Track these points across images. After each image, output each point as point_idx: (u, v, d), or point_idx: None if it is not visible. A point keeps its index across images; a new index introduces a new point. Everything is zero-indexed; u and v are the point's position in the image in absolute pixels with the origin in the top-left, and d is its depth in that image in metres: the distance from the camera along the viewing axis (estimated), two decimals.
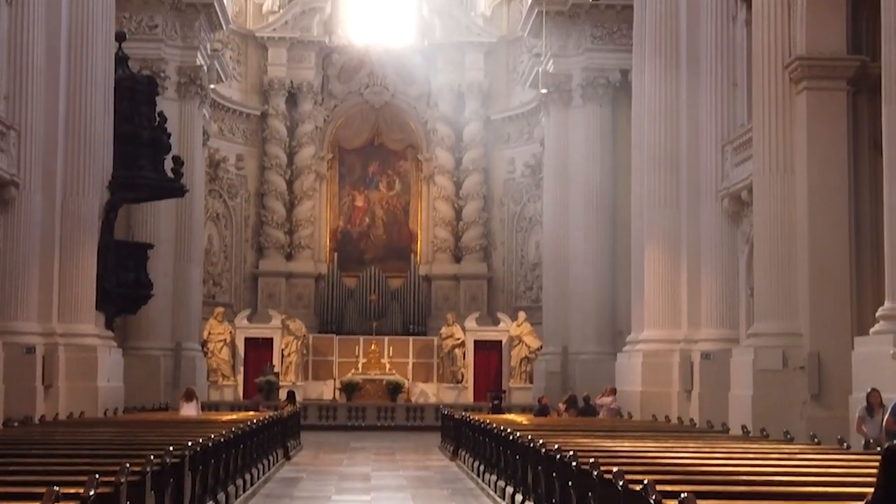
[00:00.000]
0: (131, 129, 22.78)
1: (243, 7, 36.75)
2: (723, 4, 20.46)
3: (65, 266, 20.43)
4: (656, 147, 22.15)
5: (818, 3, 16.65)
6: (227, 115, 34.94)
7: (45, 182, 20.13)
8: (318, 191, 36.62)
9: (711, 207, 20.61)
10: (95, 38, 21.04)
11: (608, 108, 29.63)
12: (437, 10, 36.83)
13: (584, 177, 29.65)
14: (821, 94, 16.70)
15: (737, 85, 20.15)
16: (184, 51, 29.10)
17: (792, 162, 16.95)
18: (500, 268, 36.45)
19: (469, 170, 36.36)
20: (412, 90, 36.94)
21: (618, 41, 29.17)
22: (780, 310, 16.81)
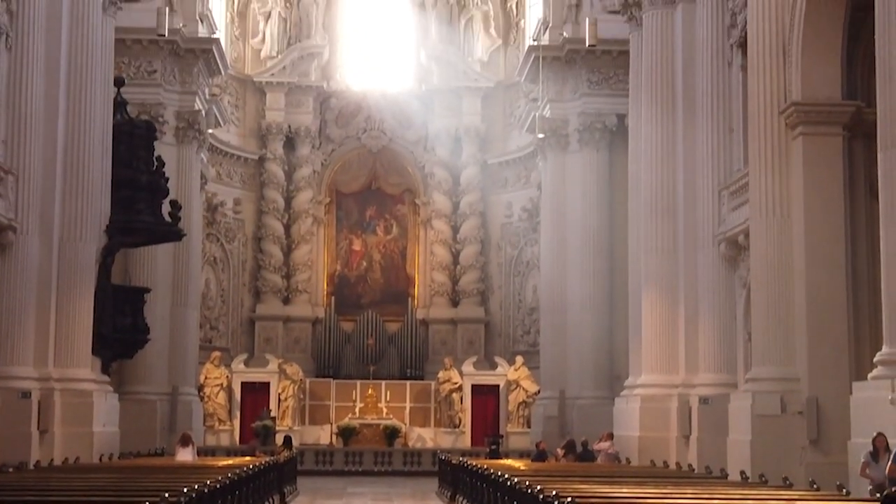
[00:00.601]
0: (129, 174, 22.84)
1: (242, 52, 36.96)
2: (718, 50, 20.59)
3: (61, 311, 20.40)
4: (653, 192, 22.20)
5: (813, 50, 16.76)
6: (224, 159, 35.02)
7: (42, 226, 20.13)
8: (316, 235, 36.64)
9: (708, 252, 20.63)
10: (94, 83, 21.14)
11: (605, 153, 29.72)
12: (434, 56, 37.03)
13: (582, 221, 29.68)
14: (816, 139, 16.78)
15: (733, 130, 20.24)
16: (182, 96, 29.24)
17: (788, 207, 16.99)
18: (498, 312, 36.40)
19: (466, 214, 36.42)
20: (410, 135, 37.07)
21: (614, 86, 29.29)
22: (778, 355, 16.79)
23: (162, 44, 28.17)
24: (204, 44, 29.55)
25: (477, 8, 36.96)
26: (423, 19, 37.47)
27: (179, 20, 28.78)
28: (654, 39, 22.18)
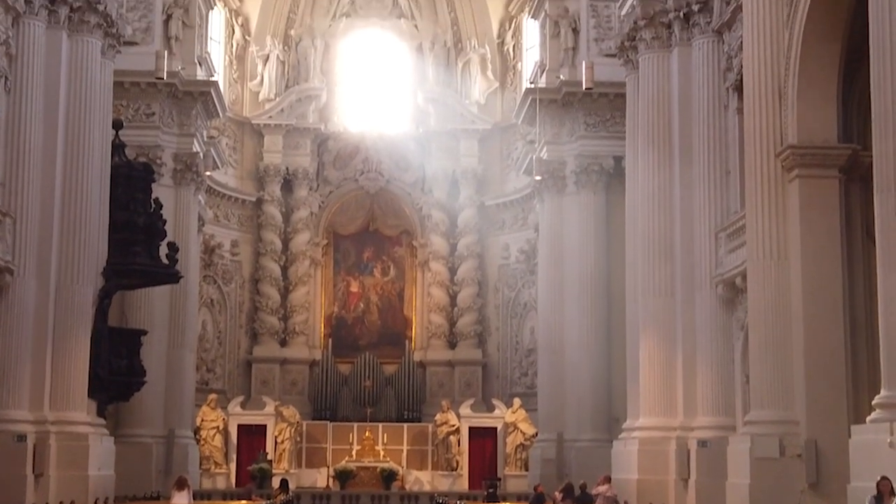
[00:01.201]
0: (127, 216, 22.85)
1: (240, 95, 37.10)
2: (715, 93, 20.69)
3: (58, 353, 20.35)
4: (650, 234, 22.21)
5: (809, 93, 16.84)
6: (222, 201, 35.06)
7: (39, 269, 20.13)
8: (313, 277, 36.61)
9: (706, 294, 20.62)
10: (93, 125, 21.22)
11: (602, 195, 29.76)
12: (431, 99, 37.19)
13: (579, 263, 29.66)
14: (813, 181, 16.82)
15: (729, 172, 20.30)
16: (180, 138, 29.30)
17: (786, 249, 17.00)
18: (495, 354, 36.33)
19: (464, 255, 36.43)
20: (407, 176, 37.15)
21: (611, 129, 29.38)
22: (777, 397, 16.73)
23: (160, 86, 28.27)
24: (202, 86, 29.67)
25: (474, 51, 37.17)
26: (421, 62, 37.67)
27: (178, 63, 28.91)
28: (651, 82, 22.28)
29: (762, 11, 17.52)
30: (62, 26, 20.84)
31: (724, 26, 20.35)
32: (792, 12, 17.04)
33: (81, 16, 21.15)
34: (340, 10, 38.00)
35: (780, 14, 17.36)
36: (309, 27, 37.50)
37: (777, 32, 17.36)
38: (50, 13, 20.56)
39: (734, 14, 19.57)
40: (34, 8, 20.12)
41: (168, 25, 29.20)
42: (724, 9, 20.24)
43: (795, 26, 16.93)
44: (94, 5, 21.21)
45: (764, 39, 17.46)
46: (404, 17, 38.05)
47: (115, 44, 22.63)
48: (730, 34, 20.16)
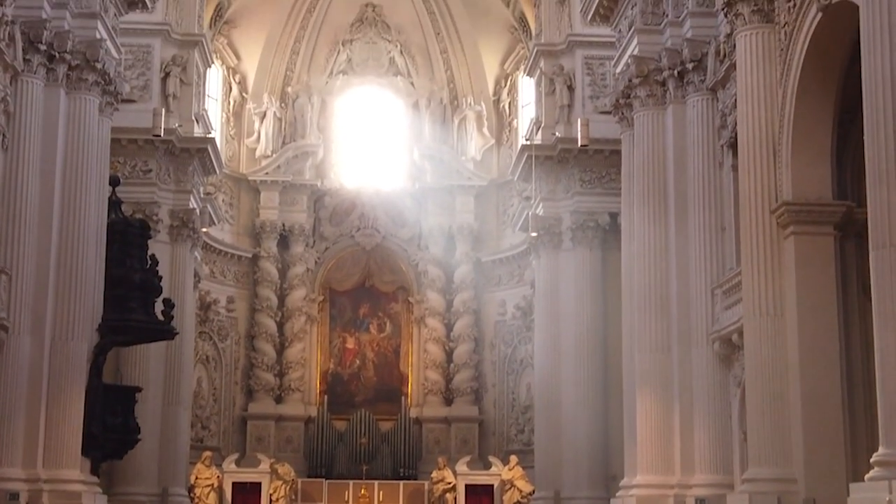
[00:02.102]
0: (122, 272, 22.83)
1: (237, 151, 37.26)
2: (709, 150, 20.78)
3: (51, 411, 20.23)
4: (646, 290, 22.18)
5: (803, 150, 16.93)
6: (218, 257, 35.08)
7: (34, 325, 20.08)
8: (309, 333, 36.55)
9: (702, 351, 20.56)
10: (89, 183, 21.26)
11: (598, 251, 29.80)
12: (427, 155, 37.38)
13: (575, 319, 29.63)
14: (808, 238, 16.85)
15: (725, 229, 20.33)
16: (177, 194, 29.37)
17: (782, 305, 16.99)
18: (492, 410, 36.19)
19: (460, 312, 36.41)
20: (403, 232, 37.23)
21: (606, 185, 29.50)
22: (774, 455, 16.64)
23: (158, 143, 28.40)
24: (199, 143, 29.79)
25: (470, 108, 37.42)
26: (417, 119, 37.90)
27: (175, 120, 29.06)
28: (646, 139, 22.38)
29: (755, 70, 17.67)
30: (60, 84, 20.94)
31: (717, 84, 20.49)
32: (785, 71, 17.19)
33: (80, 74, 21.26)
34: (337, 67, 38.29)
35: (774, 72, 17.51)
36: (306, 84, 37.76)
37: (770, 90, 17.49)
38: (48, 71, 20.68)
39: (728, 72, 19.72)
40: (33, 66, 20.24)
41: (166, 83, 29.41)
42: (717, 67, 20.40)
43: (789, 84, 17.06)
44: (93, 63, 21.34)
45: (757, 97, 17.59)
46: (401, 74, 38.33)
47: (112, 101, 22.73)
48: (724, 92, 20.30)
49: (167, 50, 29.45)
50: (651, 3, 22.34)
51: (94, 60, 21.34)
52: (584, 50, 30.12)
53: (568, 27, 30.44)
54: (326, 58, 38.28)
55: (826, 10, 15.91)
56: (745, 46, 17.92)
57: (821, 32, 16.33)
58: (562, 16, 30.63)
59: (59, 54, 20.71)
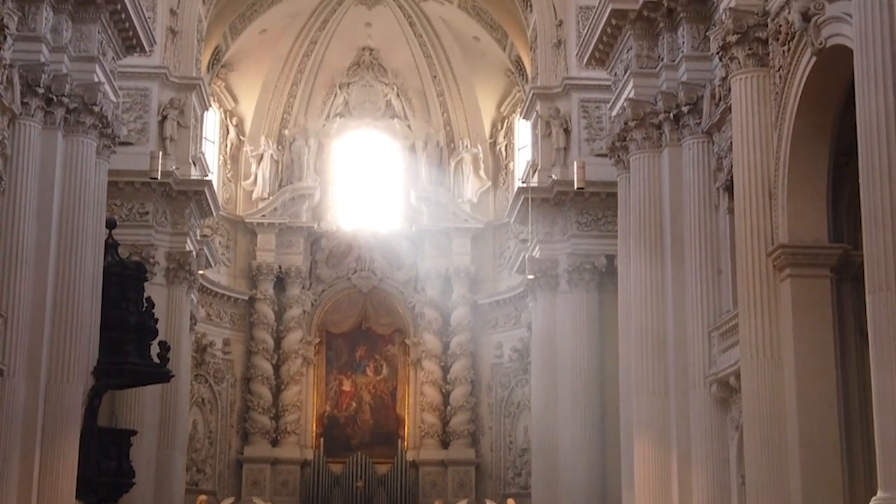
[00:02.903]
0: (118, 315, 22.79)
1: (234, 194, 37.35)
2: (705, 193, 20.81)
3: (46, 454, 20.10)
4: (643, 333, 22.14)
5: (798, 193, 16.97)
6: (214, 299, 35.04)
7: (29, 369, 19.99)
8: (305, 375, 36.46)
9: (700, 393, 20.49)
10: (86, 225, 21.26)
11: (594, 294, 29.77)
12: (424, 198, 37.48)
13: (572, 362, 29.56)
14: (804, 281, 16.84)
15: (721, 272, 20.32)
16: (173, 237, 29.37)
17: (779, 348, 16.96)
18: (488, 454, 36.04)
19: (456, 354, 36.35)
20: (400, 275, 37.25)
21: (602, 227, 29.53)
22: (773, 499, 16.54)
23: (155, 186, 28.43)
24: (196, 186, 29.84)
25: (466, 151, 37.56)
26: (414, 162, 38.04)
27: (173, 163, 29.11)
28: (642, 182, 22.42)
29: (751, 113, 17.74)
30: (58, 127, 20.99)
31: (713, 127, 20.57)
32: (780, 114, 17.26)
33: (77, 117, 21.33)
34: (334, 110, 38.48)
35: (769, 115, 17.58)
36: (303, 127, 37.94)
37: (766, 133, 17.56)
38: (46, 114, 20.73)
39: (723, 115, 19.80)
40: (31, 109, 20.30)
41: (163, 126, 29.49)
42: (713, 110, 20.48)
43: (784, 128, 17.13)
44: (90, 107, 21.40)
45: (753, 140, 17.65)
46: (397, 117, 38.51)
47: (110, 144, 22.80)
48: (719, 135, 20.37)
49: (165, 93, 29.56)
50: (646, 46, 22.45)
51: (92, 104, 21.41)
52: (580, 93, 30.26)
53: (564, 70, 30.59)
54: (323, 101, 38.48)
55: (820, 53, 16.01)
56: (741, 90, 18.01)
57: (815, 76, 16.42)
58: (558, 59, 30.80)
59: (57, 97, 20.78)
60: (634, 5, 21.99)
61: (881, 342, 13.06)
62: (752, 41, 17.83)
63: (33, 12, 20.43)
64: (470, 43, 36.91)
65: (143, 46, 23.77)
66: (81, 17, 21.53)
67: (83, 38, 21.64)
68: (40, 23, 20.51)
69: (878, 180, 13.23)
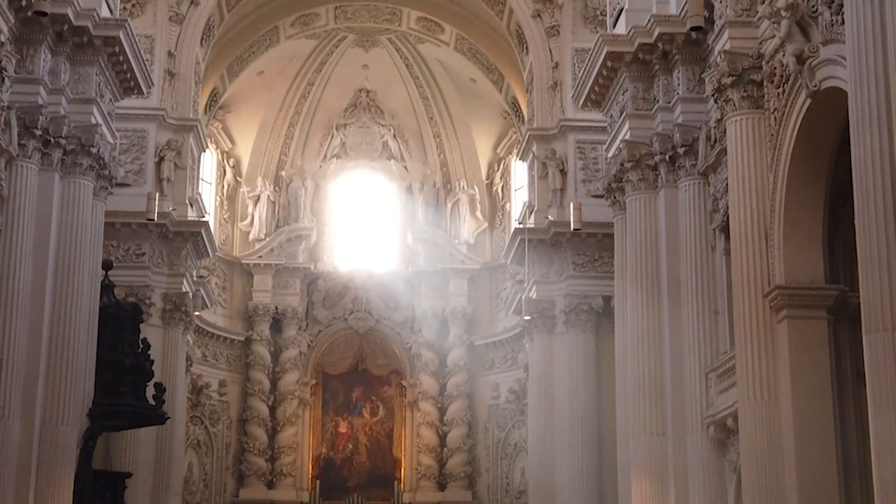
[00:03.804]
0: (114, 356, 22.76)
1: (230, 235, 37.37)
2: (701, 234, 20.84)
3: (40, 497, 19.96)
4: (640, 374, 22.09)
5: (794, 234, 17.00)
6: (210, 340, 34.96)
7: (24, 410, 19.90)
8: (301, 417, 36.33)
9: (697, 435, 20.42)
10: (82, 267, 21.24)
11: (591, 335, 29.71)
12: (420, 238, 37.51)
13: (569, 403, 29.46)
14: (801, 322, 16.83)
15: (718, 313, 20.31)
16: (170, 278, 29.32)
17: (776, 390, 16.92)
18: (486, 495, 35.85)
19: (453, 395, 36.24)
20: (396, 316, 37.22)
21: (599, 268, 29.51)
22: None
23: (151, 227, 28.40)
24: (193, 227, 29.83)
25: (463, 192, 37.65)
26: (410, 203, 38.12)
27: (169, 204, 29.13)
28: (638, 223, 22.46)
29: (746, 155, 17.81)
30: (55, 168, 21.03)
31: (709, 169, 20.63)
32: (776, 155, 17.32)
33: (74, 158, 21.37)
34: (331, 151, 38.61)
35: (764, 157, 17.65)
36: (300, 168, 38.05)
37: (761, 175, 17.62)
38: (43, 155, 20.77)
39: (719, 157, 19.86)
40: (28, 151, 20.34)
41: (160, 167, 29.51)
42: (708, 152, 20.55)
43: (779, 169, 17.18)
44: (88, 148, 21.45)
45: (748, 182, 17.71)
46: (394, 158, 38.64)
47: (107, 185, 22.83)
48: (715, 176, 20.43)
49: (162, 134, 29.62)
50: (642, 88, 22.56)
51: (90, 145, 21.46)
52: (576, 134, 30.36)
53: (560, 112, 30.71)
54: (320, 142, 38.62)
55: (815, 95, 16.10)
56: (736, 132, 18.09)
57: (810, 118, 16.50)
58: (554, 101, 30.93)
59: (55, 139, 20.83)
60: (630, 48, 22.11)
61: (879, 384, 13.04)
62: (746, 83, 17.93)
63: (31, 54, 20.53)
64: (466, 84, 37.10)
65: (140, 88, 23.87)
66: (79, 59, 21.63)
67: (81, 80, 21.74)
68: (38, 65, 20.60)
69: (873, 222, 13.26)
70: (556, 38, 30.79)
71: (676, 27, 21.09)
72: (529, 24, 30.97)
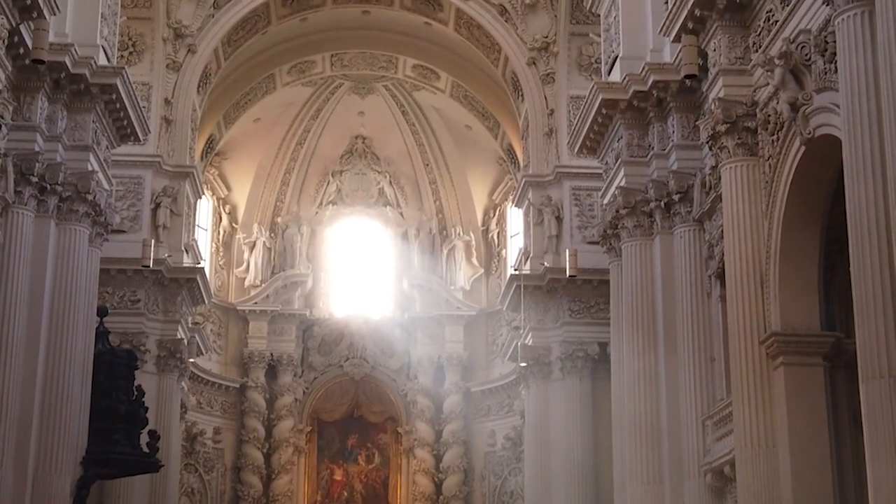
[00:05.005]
0: (108, 403, 22.62)
1: (226, 281, 37.33)
2: (697, 281, 20.85)
3: None
4: (637, 421, 22.00)
5: (790, 281, 17.01)
6: (205, 387, 34.81)
7: (17, 458, 19.77)
8: (296, 464, 36.12)
9: (694, 482, 20.31)
10: (77, 314, 21.20)
11: (587, 381, 29.61)
12: (416, 285, 37.49)
13: (566, 450, 29.29)
14: (798, 369, 16.80)
15: (714, 359, 20.28)
16: (165, 325, 29.22)
17: (773, 437, 16.85)
18: None
19: (449, 442, 36.06)
20: (392, 362, 37.13)
21: (595, 315, 29.46)
22: None
23: (147, 274, 28.36)
24: (188, 273, 29.79)
25: (459, 238, 37.69)
26: (406, 249, 38.14)
27: (165, 250, 29.10)
28: (634, 270, 22.47)
29: (741, 202, 17.85)
30: (51, 215, 21.04)
31: (704, 215, 20.68)
32: (771, 202, 17.37)
33: (70, 205, 21.38)
34: (327, 198, 38.69)
35: (759, 204, 17.69)
36: (296, 215, 38.10)
37: (756, 222, 17.65)
38: (39, 203, 20.78)
39: (714, 204, 19.91)
40: (24, 198, 20.35)
41: (156, 214, 29.51)
42: (703, 199, 20.61)
43: (774, 216, 17.22)
44: (84, 195, 21.47)
45: (744, 229, 17.74)
46: (390, 205, 38.72)
47: (102, 232, 22.82)
48: (710, 223, 20.47)
49: (158, 181, 29.65)
50: (637, 135, 22.67)
51: (86, 192, 21.48)
52: (572, 181, 30.42)
53: (555, 159, 30.81)
54: (316, 188, 38.70)
55: (809, 143, 16.17)
56: (731, 179, 18.14)
57: (805, 165, 16.57)
58: (549, 147, 31.03)
59: (51, 186, 20.85)
60: (624, 95, 22.23)
61: (876, 431, 13.02)
62: (741, 130, 18.01)
63: (29, 102, 20.59)
64: (462, 131, 37.25)
65: (137, 135, 23.93)
66: (76, 106, 21.70)
67: (78, 127, 21.80)
68: (35, 112, 20.67)
69: (869, 269, 13.29)
70: (551, 85, 30.96)
71: (671, 75, 21.22)
72: (525, 72, 31.15)
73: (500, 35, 31.07)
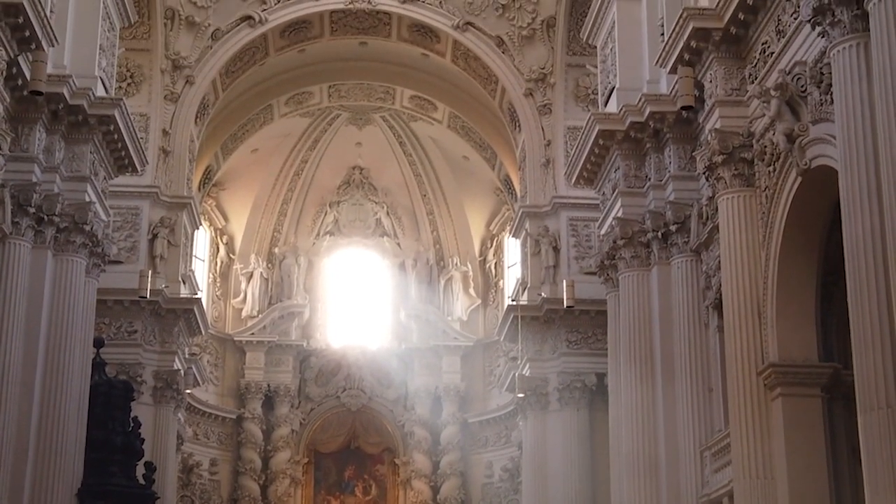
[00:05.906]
0: (104, 435, 22.54)
1: (223, 312, 37.28)
2: (694, 311, 20.83)
3: None
4: (634, 452, 21.93)
5: (787, 312, 17.01)
6: (202, 418, 34.70)
7: (13, 489, 19.67)
8: (293, 496, 35.95)
9: None
10: (73, 345, 21.16)
11: (585, 412, 29.52)
12: (413, 315, 37.45)
13: (563, 481, 29.18)
14: (796, 400, 16.77)
15: (712, 390, 20.23)
16: (161, 356, 29.13)
17: (771, 468, 16.81)
18: None
19: (447, 474, 35.92)
20: (389, 393, 37.04)
21: (593, 345, 29.41)
22: None
23: (143, 304, 28.32)
24: (185, 304, 29.73)
25: (456, 269, 37.68)
26: (403, 280, 38.13)
27: (162, 281, 29.05)
28: (631, 300, 22.46)
29: (738, 232, 17.88)
30: (48, 246, 21.04)
31: (701, 246, 20.69)
32: (767, 233, 17.39)
33: (67, 236, 21.39)
34: (324, 228, 38.71)
35: (756, 235, 17.72)
36: (293, 245, 38.10)
37: (753, 252, 17.67)
38: (36, 233, 20.79)
39: (711, 234, 19.94)
40: (21, 229, 20.35)
41: (153, 244, 29.49)
42: (700, 229, 20.63)
43: (771, 247, 17.24)
44: (81, 226, 21.48)
45: (741, 259, 17.75)
46: (387, 235, 38.75)
47: (99, 263, 22.81)
48: (707, 254, 20.48)
49: (155, 212, 29.65)
50: (633, 166, 22.71)
51: (83, 223, 21.49)
52: (569, 211, 30.44)
53: (552, 189, 30.85)
54: (313, 219, 38.73)
55: (806, 174, 16.21)
56: (727, 209, 18.18)
57: (801, 196, 16.60)
58: (546, 178, 31.08)
59: (48, 217, 20.86)
60: (621, 126, 22.30)
61: (875, 463, 12.99)
62: (737, 161, 18.06)
63: (26, 133, 20.64)
64: (459, 162, 37.33)
65: (135, 166, 23.97)
66: (74, 137, 21.75)
67: (75, 158, 21.84)
68: (33, 143, 20.71)
69: (866, 300, 13.30)
70: (548, 116, 31.05)
71: (667, 106, 21.28)
72: (522, 103, 31.24)
73: (497, 66, 31.18)
